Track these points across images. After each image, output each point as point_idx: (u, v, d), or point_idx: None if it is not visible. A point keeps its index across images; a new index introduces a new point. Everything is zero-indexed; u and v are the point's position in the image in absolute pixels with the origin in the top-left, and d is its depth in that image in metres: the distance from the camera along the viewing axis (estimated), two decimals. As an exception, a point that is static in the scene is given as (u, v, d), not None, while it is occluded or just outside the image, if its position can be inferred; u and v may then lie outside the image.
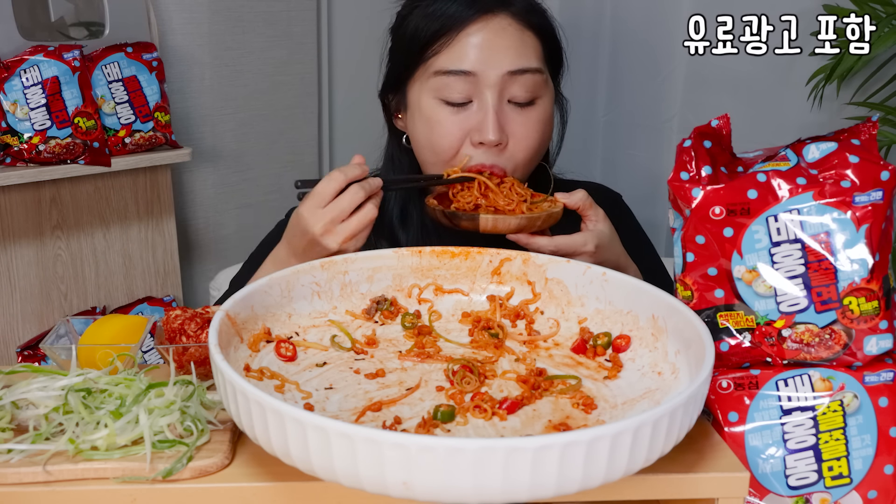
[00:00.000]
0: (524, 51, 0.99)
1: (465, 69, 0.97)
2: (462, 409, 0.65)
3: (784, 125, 1.65)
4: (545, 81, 1.02)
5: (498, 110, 0.97)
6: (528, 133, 1.00)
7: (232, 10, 2.00)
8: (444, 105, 0.99)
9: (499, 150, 0.99)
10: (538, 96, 1.00)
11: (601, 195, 1.15)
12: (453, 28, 0.97)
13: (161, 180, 1.87)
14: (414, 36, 1.01)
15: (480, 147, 0.99)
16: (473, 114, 0.98)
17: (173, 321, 0.79)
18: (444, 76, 0.98)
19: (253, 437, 0.57)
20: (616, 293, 0.78)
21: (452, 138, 0.99)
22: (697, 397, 0.58)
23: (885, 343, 0.69)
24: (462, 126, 0.99)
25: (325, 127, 2.30)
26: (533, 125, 1.00)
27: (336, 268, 0.81)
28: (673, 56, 1.82)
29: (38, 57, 1.57)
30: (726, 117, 0.79)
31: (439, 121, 1.00)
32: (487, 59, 0.97)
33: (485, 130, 0.97)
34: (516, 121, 0.99)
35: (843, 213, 0.70)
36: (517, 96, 0.99)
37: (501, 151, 0.99)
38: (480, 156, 0.99)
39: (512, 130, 0.99)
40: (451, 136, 0.99)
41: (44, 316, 1.75)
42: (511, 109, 0.99)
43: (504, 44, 0.97)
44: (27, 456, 0.60)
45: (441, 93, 0.99)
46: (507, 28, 0.98)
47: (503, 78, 0.97)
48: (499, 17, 0.98)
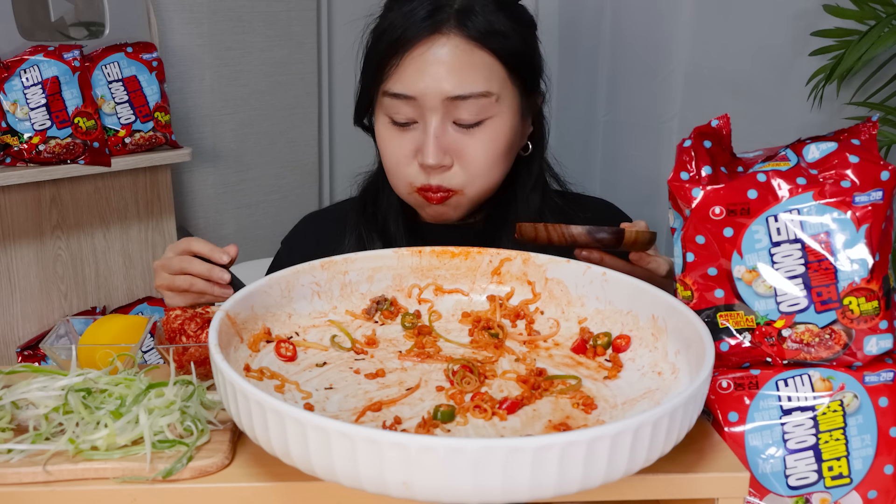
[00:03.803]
0: (470, 73, 0.95)
1: (407, 93, 0.96)
2: (462, 409, 0.65)
3: (784, 125, 1.64)
4: (496, 102, 0.97)
5: (439, 133, 0.96)
6: (474, 154, 0.98)
7: (232, 10, 2.00)
8: (391, 125, 0.99)
9: (444, 171, 0.98)
10: (487, 117, 0.97)
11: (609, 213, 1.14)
12: (399, 50, 0.96)
13: (161, 180, 1.87)
14: (370, 55, 1.01)
15: (424, 169, 0.98)
16: (418, 134, 0.98)
17: (173, 321, 0.79)
18: (390, 98, 0.97)
19: (253, 437, 0.57)
20: (616, 293, 0.78)
21: (399, 157, 0.99)
22: (697, 397, 0.58)
23: (885, 343, 0.69)
24: (407, 147, 0.98)
25: (325, 127, 2.30)
26: (480, 145, 0.97)
27: (336, 268, 0.81)
28: (673, 56, 1.82)
29: (38, 57, 1.57)
30: (726, 117, 0.79)
31: (387, 139, 1.00)
32: (429, 83, 0.94)
33: (425, 153, 0.96)
34: (462, 141, 0.97)
35: (843, 213, 0.70)
36: (462, 119, 0.96)
37: (447, 172, 0.98)
38: (425, 176, 0.99)
39: (457, 151, 0.97)
40: (397, 155, 0.99)
41: (44, 316, 1.75)
42: (456, 130, 0.97)
43: (448, 67, 0.94)
44: (27, 456, 0.60)
45: (389, 112, 0.99)
46: (453, 50, 0.94)
47: (444, 102, 0.95)
48: (447, 36, 0.95)
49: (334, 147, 2.35)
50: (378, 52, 0.99)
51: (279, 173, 2.22)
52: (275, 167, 2.21)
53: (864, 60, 1.42)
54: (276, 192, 2.23)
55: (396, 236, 1.09)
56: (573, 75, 2.02)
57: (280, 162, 2.22)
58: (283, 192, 2.24)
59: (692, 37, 1.76)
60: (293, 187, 2.27)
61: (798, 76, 1.60)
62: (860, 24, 1.47)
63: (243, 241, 2.18)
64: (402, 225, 1.09)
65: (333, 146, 2.35)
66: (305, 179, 2.30)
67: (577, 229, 0.86)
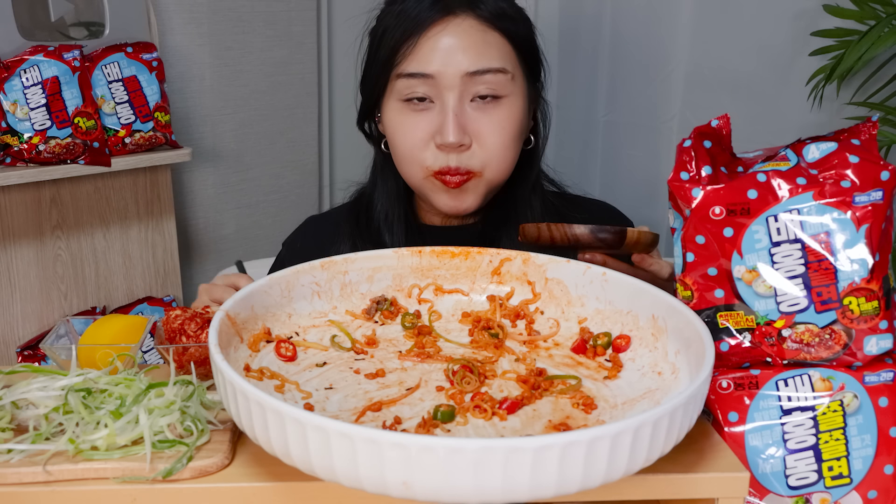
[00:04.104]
0: (486, 50, 0.97)
1: (425, 72, 0.96)
2: (462, 409, 0.65)
3: (784, 125, 1.65)
4: (511, 80, 0.99)
5: (458, 112, 0.97)
6: (492, 131, 0.98)
7: (232, 10, 2.00)
8: (407, 108, 0.99)
9: (462, 151, 0.98)
10: (504, 94, 0.98)
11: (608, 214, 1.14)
12: (415, 32, 0.97)
13: (161, 180, 1.87)
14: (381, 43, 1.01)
15: (444, 149, 0.98)
16: (435, 115, 0.98)
17: (173, 321, 0.79)
18: (406, 79, 0.98)
19: (253, 437, 0.57)
20: (616, 293, 0.78)
21: (416, 139, 0.99)
22: (697, 397, 0.58)
23: (885, 343, 0.69)
24: (424, 128, 0.98)
25: (325, 127, 2.30)
26: (497, 123, 0.98)
27: (336, 268, 0.81)
28: (673, 56, 1.81)
29: (38, 57, 1.57)
30: (726, 117, 0.79)
31: (403, 122, 1.00)
32: (446, 61, 0.96)
33: (445, 132, 0.96)
34: (480, 120, 0.98)
35: (843, 213, 0.70)
36: (480, 93, 0.97)
37: (465, 152, 0.98)
38: (444, 158, 0.98)
39: (475, 130, 0.98)
40: (413, 137, 0.99)
41: (44, 316, 1.75)
42: (474, 109, 0.98)
43: (464, 44, 0.96)
44: (27, 456, 0.60)
45: (404, 95, 0.99)
46: (468, 30, 0.97)
47: (463, 79, 0.96)
48: (461, 17, 0.97)
49: (334, 147, 2.35)
50: (390, 37, 0.99)
51: (279, 173, 2.22)
52: (275, 167, 2.21)
53: (864, 60, 1.42)
54: (276, 192, 2.23)
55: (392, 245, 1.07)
56: (573, 75, 2.02)
57: (280, 162, 2.22)
58: (283, 192, 2.25)
59: (692, 37, 1.76)
60: (293, 187, 2.28)
61: (798, 76, 1.60)
62: (860, 24, 1.47)
63: (243, 241, 2.19)
64: (401, 230, 1.09)
65: (333, 146, 2.35)
66: (305, 179, 2.30)
67: (580, 228, 0.86)
